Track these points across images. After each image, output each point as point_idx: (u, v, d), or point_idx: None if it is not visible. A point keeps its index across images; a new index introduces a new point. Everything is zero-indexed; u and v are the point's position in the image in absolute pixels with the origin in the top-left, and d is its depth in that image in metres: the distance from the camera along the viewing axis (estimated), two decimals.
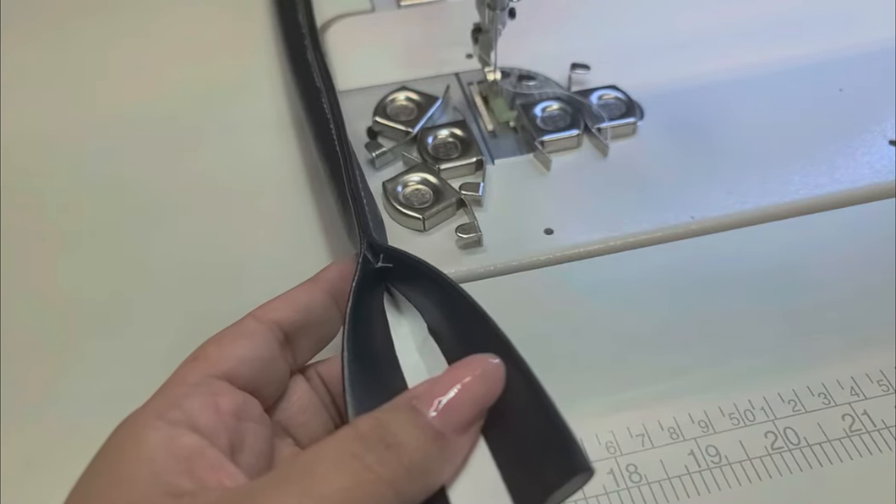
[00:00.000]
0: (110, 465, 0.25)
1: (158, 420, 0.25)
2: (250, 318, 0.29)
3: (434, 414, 0.23)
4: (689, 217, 0.40)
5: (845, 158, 0.42)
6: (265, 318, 0.29)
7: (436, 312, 0.30)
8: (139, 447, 0.25)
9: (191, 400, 0.26)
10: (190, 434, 0.25)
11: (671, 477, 0.32)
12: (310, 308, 0.30)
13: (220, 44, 0.51)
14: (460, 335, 0.28)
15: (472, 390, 0.24)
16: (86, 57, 0.50)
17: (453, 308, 0.29)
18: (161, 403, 0.26)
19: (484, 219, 0.39)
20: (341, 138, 0.38)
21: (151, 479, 0.24)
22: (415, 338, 0.30)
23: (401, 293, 0.31)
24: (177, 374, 0.28)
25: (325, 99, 0.40)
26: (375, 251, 0.32)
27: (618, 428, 0.33)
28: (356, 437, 0.23)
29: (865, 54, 0.48)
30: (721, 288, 0.38)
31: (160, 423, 0.25)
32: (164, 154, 0.45)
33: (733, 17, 0.50)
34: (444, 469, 0.24)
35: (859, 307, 0.37)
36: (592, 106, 0.44)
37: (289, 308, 0.30)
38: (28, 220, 0.42)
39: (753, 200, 0.40)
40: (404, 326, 0.31)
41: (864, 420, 0.33)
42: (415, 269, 0.31)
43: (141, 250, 0.40)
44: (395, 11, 0.52)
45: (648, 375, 0.35)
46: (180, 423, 0.25)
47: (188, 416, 0.26)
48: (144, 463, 0.24)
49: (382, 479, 0.22)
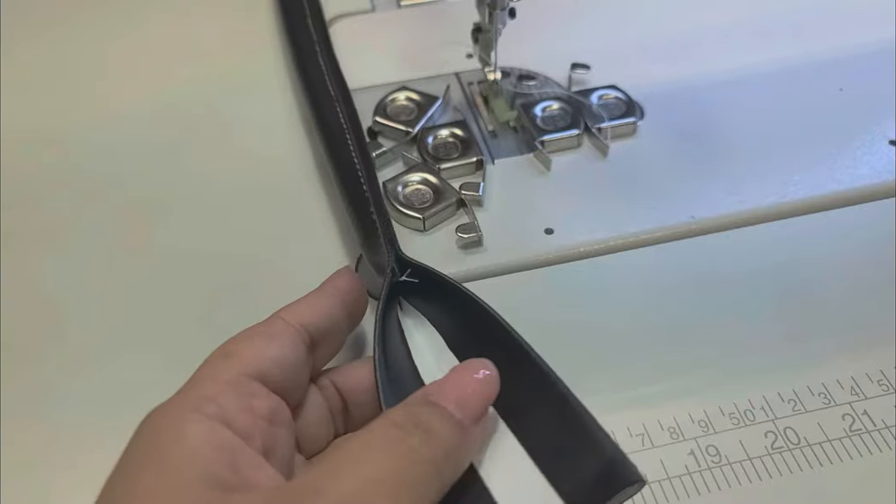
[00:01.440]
0: (149, 456, 0.25)
1: (196, 413, 0.25)
2: (280, 320, 0.29)
3: (453, 406, 0.26)
4: (689, 217, 0.40)
5: (845, 158, 0.42)
6: (294, 321, 0.29)
7: (456, 327, 0.32)
8: (181, 438, 0.24)
9: (227, 398, 0.26)
10: (228, 431, 0.25)
11: (671, 477, 0.32)
12: (331, 315, 0.30)
13: (223, 42, 0.51)
14: (485, 351, 0.30)
15: (479, 388, 0.27)
16: (88, 55, 0.50)
17: (478, 324, 0.31)
18: (196, 397, 0.26)
19: (484, 219, 0.39)
20: (362, 151, 0.39)
21: (196, 470, 0.24)
22: (431, 349, 0.32)
23: (414, 306, 0.33)
24: (208, 368, 0.27)
25: (339, 107, 0.41)
26: (402, 265, 0.33)
27: (618, 428, 0.33)
28: (394, 425, 0.25)
29: (865, 54, 0.48)
30: (721, 288, 0.38)
31: (198, 415, 0.25)
32: (166, 153, 0.45)
33: (733, 17, 0.50)
34: (467, 454, 0.27)
35: (859, 307, 0.37)
36: (592, 106, 0.44)
37: (314, 313, 0.30)
38: (28, 220, 0.42)
39: (753, 200, 0.41)
40: (418, 338, 0.32)
41: (864, 420, 0.33)
42: (440, 285, 0.32)
43: (142, 250, 0.40)
44: (396, 11, 0.52)
45: (648, 375, 0.35)
46: (218, 419, 0.25)
47: (225, 413, 0.25)
48: (188, 453, 0.24)
49: (427, 460, 0.25)
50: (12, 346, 0.36)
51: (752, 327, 0.36)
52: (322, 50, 0.45)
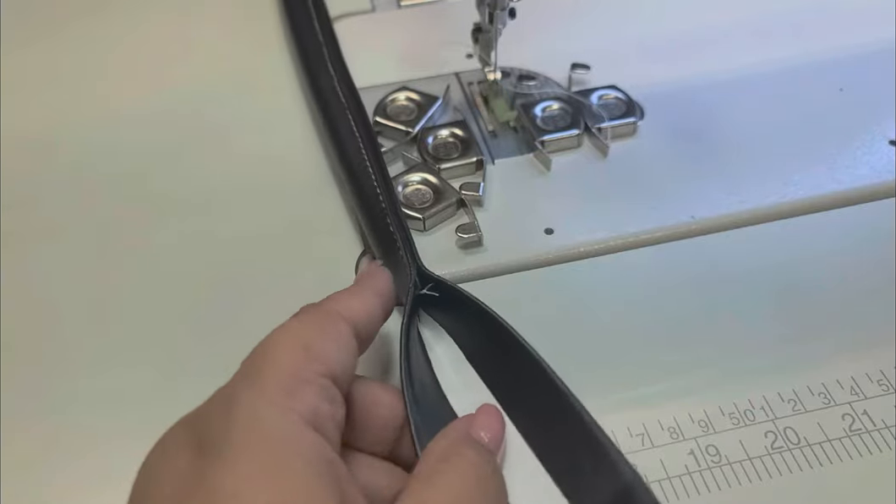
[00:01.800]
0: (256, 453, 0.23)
1: (299, 417, 0.24)
2: (340, 318, 0.28)
3: (487, 439, 0.28)
4: (689, 217, 0.40)
5: (845, 158, 0.42)
6: (349, 320, 0.28)
7: (475, 343, 0.32)
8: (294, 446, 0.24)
9: (321, 405, 0.25)
10: (328, 446, 0.25)
11: (671, 477, 0.32)
12: (373, 316, 0.30)
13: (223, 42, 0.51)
14: (504, 368, 0.31)
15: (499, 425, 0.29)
16: (88, 56, 0.50)
17: (498, 341, 0.31)
18: (288, 396, 0.25)
19: (484, 219, 0.39)
20: (379, 164, 0.39)
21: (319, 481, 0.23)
22: (451, 362, 0.33)
23: (434, 319, 0.34)
24: (281, 360, 0.26)
25: (351, 117, 0.41)
26: (423, 279, 0.34)
27: (618, 428, 0.33)
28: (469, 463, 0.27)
29: (865, 54, 0.48)
30: (721, 288, 0.38)
31: (303, 423, 0.24)
32: (167, 154, 0.45)
33: (733, 16, 0.50)
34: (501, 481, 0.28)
35: (859, 307, 0.37)
36: (592, 106, 0.44)
37: (363, 311, 0.29)
38: (28, 220, 0.42)
39: (753, 200, 0.41)
40: (438, 350, 0.33)
41: (864, 420, 0.33)
42: (461, 301, 0.33)
43: (143, 250, 0.40)
44: (396, 11, 0.52)
45: (648, 375, 0.35)
46: (315, 428, 0.24)
47: (320, 424, 0.25)
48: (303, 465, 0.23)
49: (488, 476, 0.27)
50: (12, 346, 0.36)
51: (751, 327, 0.36)
52: (330, 53, 0.45)
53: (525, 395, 0.30)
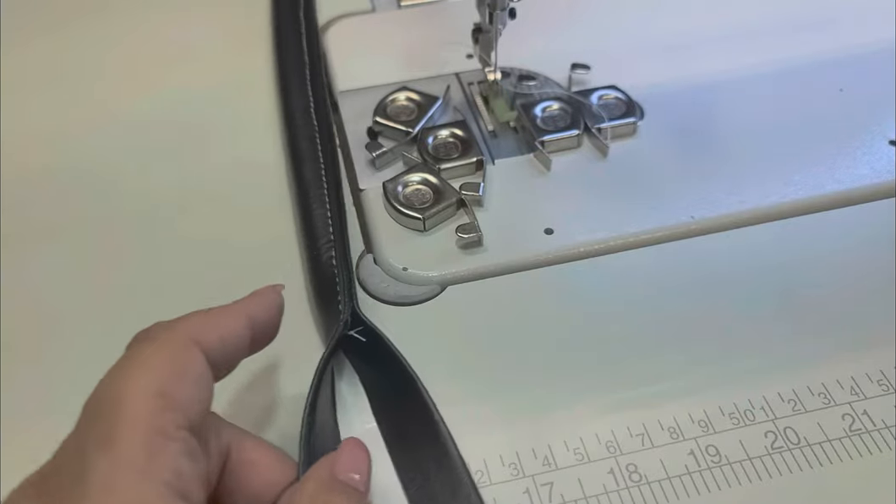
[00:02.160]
0: None
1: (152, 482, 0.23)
2: (193, 347, 0.26)
3: (357, 479, 0.28)
4: (689, 217, 0.40)
5: (845, 158, 0.42)
6: (206, 346, 0.27)
7: (385, 388, 0.33)
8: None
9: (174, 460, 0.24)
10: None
11: (671, 476, 0.32)
12: (235, 340, 0.28)
13: (221, 45, 0.51)
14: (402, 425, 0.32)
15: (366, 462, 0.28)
16: (87, 57, 0.50)
17: (406, 390, 0.33)
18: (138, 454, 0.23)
19: (484, 219, 0.39)
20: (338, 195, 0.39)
21: None
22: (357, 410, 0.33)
23: (351, 364, 0.34)
24: (136, 413, 0.24)
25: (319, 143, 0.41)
26: (355, 321, 0.34)
27: (618, 428, 0.33)
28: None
29: (865, 54, 0.48)
30: (721, 288, 0.38)
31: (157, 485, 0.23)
32: (166, 155, 0.45)
33: (733, 17, 0.50)
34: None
35: (859, 307, 0.37)
36: (592, 106, 0.44)
37: (223, 335, 0.28)
38: (28, 220, 0.42)
39: (753, 200, 0.41)
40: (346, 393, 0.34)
41: (864, 420, 0.33)
42: (385, 347, 0.33)
43: (142, 250, 0.40)
44: (396, 11, 0.52)
45: (648, 375, 0.35)
46: (173, 489, 0.23)
47: (179, 479, 0.24)
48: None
49: None
50: (12, 346, 0.36)
51: (751, 327, 0.36)
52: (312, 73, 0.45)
53: (413, 443, 0.32)
